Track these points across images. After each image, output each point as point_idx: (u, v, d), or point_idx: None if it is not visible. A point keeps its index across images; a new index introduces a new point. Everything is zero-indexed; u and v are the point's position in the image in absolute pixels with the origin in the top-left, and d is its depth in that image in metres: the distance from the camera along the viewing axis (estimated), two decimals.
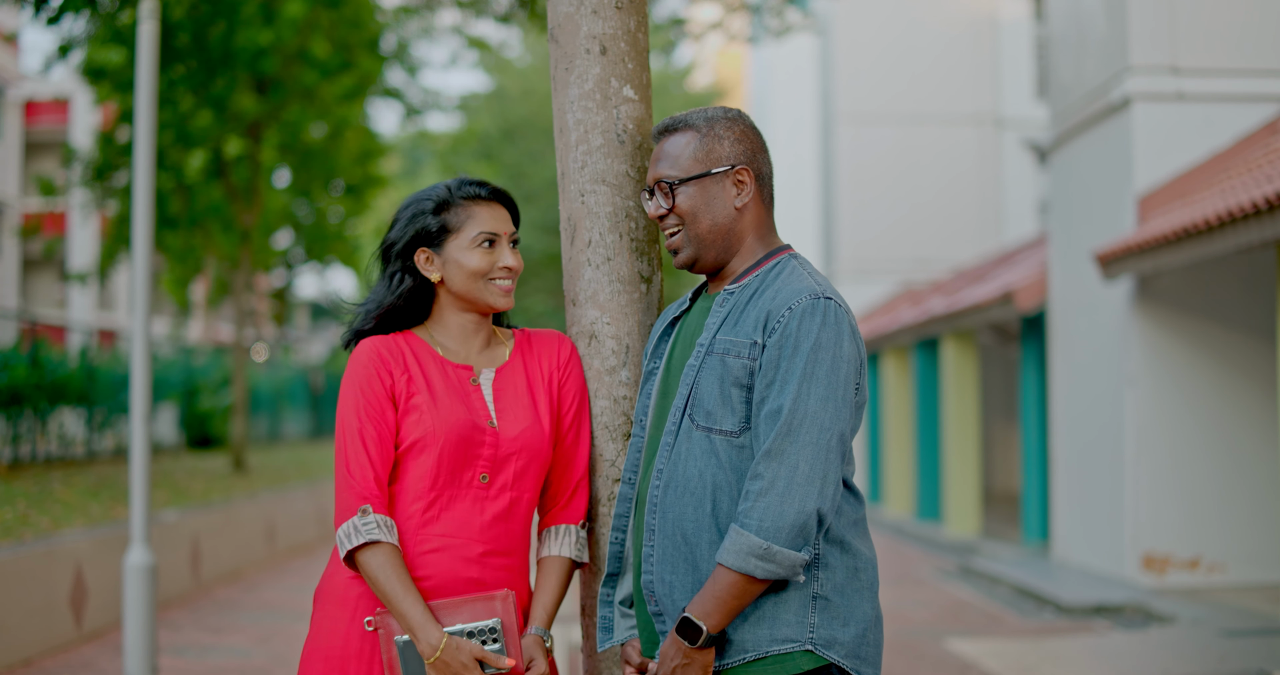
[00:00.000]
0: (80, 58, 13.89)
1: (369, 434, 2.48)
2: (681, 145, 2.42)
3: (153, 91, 6.46)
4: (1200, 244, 8.25)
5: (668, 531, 2.35)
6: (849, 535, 2.33)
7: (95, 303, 32.29)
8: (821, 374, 2.24)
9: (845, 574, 2.31)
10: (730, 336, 2.33)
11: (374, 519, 2.44)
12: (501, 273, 2.56)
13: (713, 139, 2.41)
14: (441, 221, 2.55)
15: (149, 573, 6.19)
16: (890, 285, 21.22)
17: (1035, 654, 7.55)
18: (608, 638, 2.53)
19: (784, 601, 2.27)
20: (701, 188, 2.40)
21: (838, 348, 2.26)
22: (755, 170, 2.43)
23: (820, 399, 2.23)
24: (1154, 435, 9.72)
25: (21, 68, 29.23)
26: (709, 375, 2.33)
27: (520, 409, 2.58)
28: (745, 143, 2.43)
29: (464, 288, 2.56)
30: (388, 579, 2.41)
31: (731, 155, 2.41)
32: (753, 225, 2.43)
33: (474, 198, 2.57)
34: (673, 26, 13.11)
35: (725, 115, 2.44)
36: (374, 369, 2.52)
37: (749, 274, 2.40)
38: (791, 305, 2.28)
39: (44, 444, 12.65)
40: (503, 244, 2.57)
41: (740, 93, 35.56)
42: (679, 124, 2.44)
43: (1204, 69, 9.83)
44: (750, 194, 2.42)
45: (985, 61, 21.40)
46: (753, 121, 2.48)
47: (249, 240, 15.60)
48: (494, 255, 2.56)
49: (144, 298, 6.42)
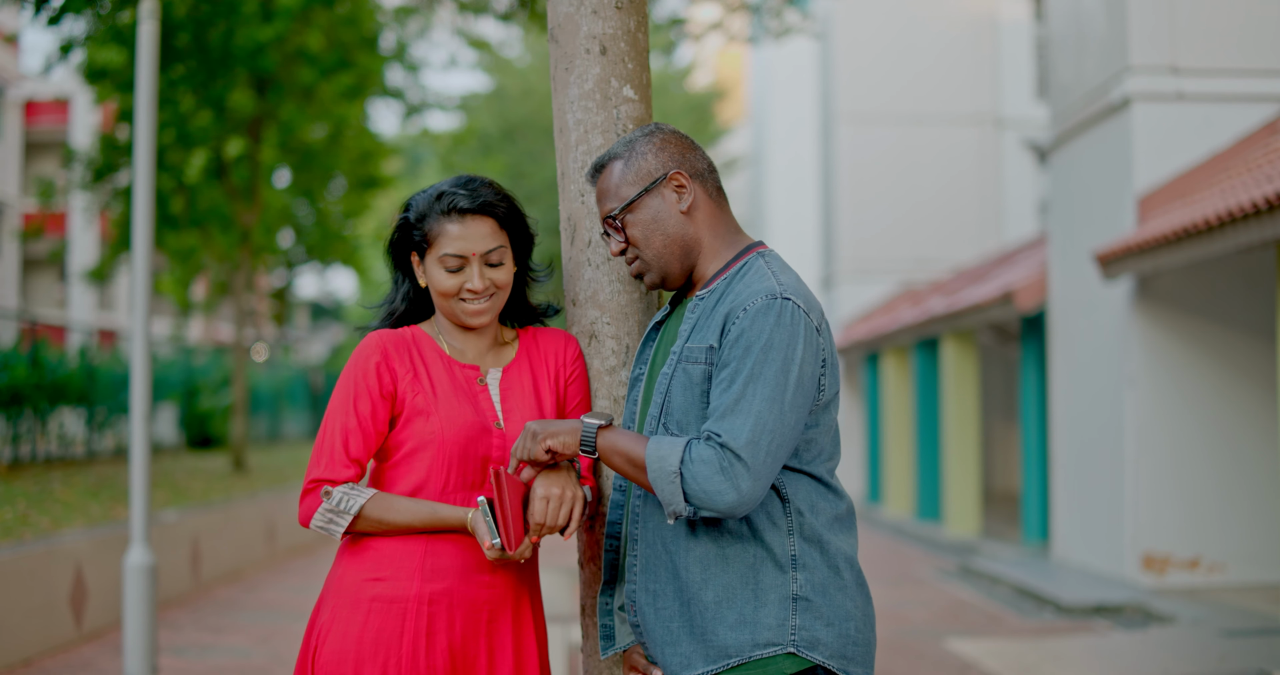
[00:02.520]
0: (80, 58, 13.88)
1: (351, 425, 2.50)
2: (613, 177, 2.43)
3: (153, 91, 6.46)
4: (1200, 244, 8.25)
5: (649, 540, 2.35)
6: (828, 533, 2.31)
7: (95, 303, 32.30)
8: (770, 374, 2.21)
9: (825, 573, 2.29)
10: (693, 344, 2.33)
11: (340, 489, 2.47)
12: (468, 295, 2.53)
13: (637, 158, 2.41)
14: (421, 232, 2.55)
15: (149, 573, 6.19)
16: (890, 285, 21.23)
17: (1035, 654, 7.55)
18: (610, 645, 2.53)
19: (764, 604, 2.26)
20: (644, 207, 2.40)
21: (790, 349, 2.22)
22: (690, 170, 2.42)
23: (765, 399, 2.20)
24: (1154, 435, 9.72)
25: (21, 68, 29.24)
26: (677, 383, 2.33)
27: (527, 409, 2.58)
28: (669, 149, 2.42)
29: (437, 302, 2.58)
30: (403, 509, 2.46)
31: (659, 165, 2.40)
32: (707, 225, 2.42)
33: (449, 213, 2.52)
34: (673, 26, 13.11)
35: (643, 133, 2.44)
36: (374, 364, 2.53)
37: (717, 278, 2.39)
38: (746, 307, 2.26)
39: (44, 444, 12.65)
40: (471, 265, 2.52)
41: (740, 93, 35.55)
42: (604, 159, 2.45)
43: (1204, 69, 9.83)
44: (692, 194, 2.41)
45: (985, 61, 21.40)
46: (673, 128, 2.47)
47: (249, 240, 15.60)
48: (459, 277, 2.52)
49: (144, 298, 6.42)
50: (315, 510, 2.48)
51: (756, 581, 2.27)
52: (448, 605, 2.48)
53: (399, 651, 2.45)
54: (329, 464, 2.49)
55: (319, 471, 2.49)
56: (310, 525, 2.49)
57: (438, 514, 2.45)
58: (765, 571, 2.27)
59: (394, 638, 2.46)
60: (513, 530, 2.35)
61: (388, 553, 2.49)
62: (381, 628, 2.46)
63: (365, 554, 2.51)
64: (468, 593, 2.49)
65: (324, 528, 2.48)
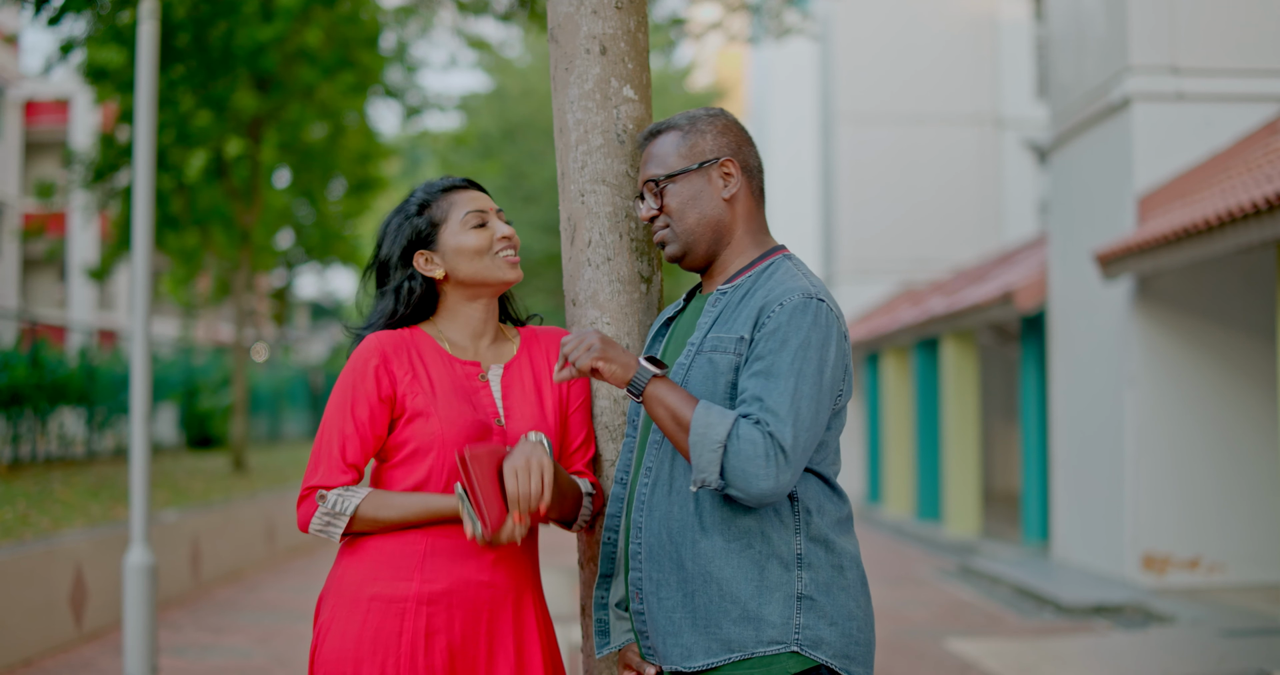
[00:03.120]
0: (80, 58, 13.88)
1: (348, 431, 2.51)
2: (666, 145, 2.45)
3: (153, 91, 6.46)
4: (1200, 244, 8.25)
5: (654, 529, 2.35)
6: (833, 534, 2.33)
7: (95, 303, 32.30)
8: (809, 372, 2.24)
9: (830, 573, 2.31)
10: (720, 334, 2.34)
11: (335, 492, 2.48)
12: (502, 243, 2.59)
13: (696, 134, 2.43)
14: (428, 219, 2.58)
15: (149, 573, 6.19)
16: (890, 285, 21.22)
17: (1035, 654, 7.55)
18: (605, 642, 2.53)
19: (769, 602, 2.27)
20: (688, 182, 2.42)
21: (824, 350, 2.26)
22: (741, 162, 2.44)
23: (806, 398, 2.23)
24: (1154, 435, 9.72)
25: (21, 68, 29.23)
26: (698, 374, 2.34)
27: (528, 407, 2.58)
28: (729, 136, 2.45)
29: (471, 271, 2.58)
30: (397, 505, 2.46)
31: (715, 148, 2.43)
32: (743, 218, 2.45)
33: (449, 188, 2.62)
34: (673, 26, 13.11)
35: (707, 113, 2.47)
36: (372, 368, 2.52)
37: (742, 274, 2.41)
38: (783, 301, 2.29)
39: (44, 444, 12.64)
40: (493, 218, 2.61)
41: (740, 93, 35.55)
42: (663, 126, 2.47)
43: (1204, 69, 9.83)
44: (738, 185, 2.43)
45: (985, 61, 21.40)
46: (736, 118, 2.50)
47: (249, 240, 15.60)
48: (489, 230, 2.59)
49: (144, 298, 6.42)
50: (313, 515, 2.49)
51: (762, 578, 2.28)
52: (447, 605, 2.48)
53: (398, 651, 2.45)
54: (326, 470, 2.50)
55: (316, 478, 2.50)
56: (309, 530, 2.50)
57: (430, 505, 2.46)
58: (771, 568, 2.28)
59: (393, 637, 2.46)
60: (491, 511, 2.34)
61: (387, 552, 2.49)
62: (380, 627, 2.46)
63: (365, 554, 2.51)
64: (467, 592, 2.49)
65: (322, 531, 2.49)
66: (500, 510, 2.35)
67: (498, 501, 2.35)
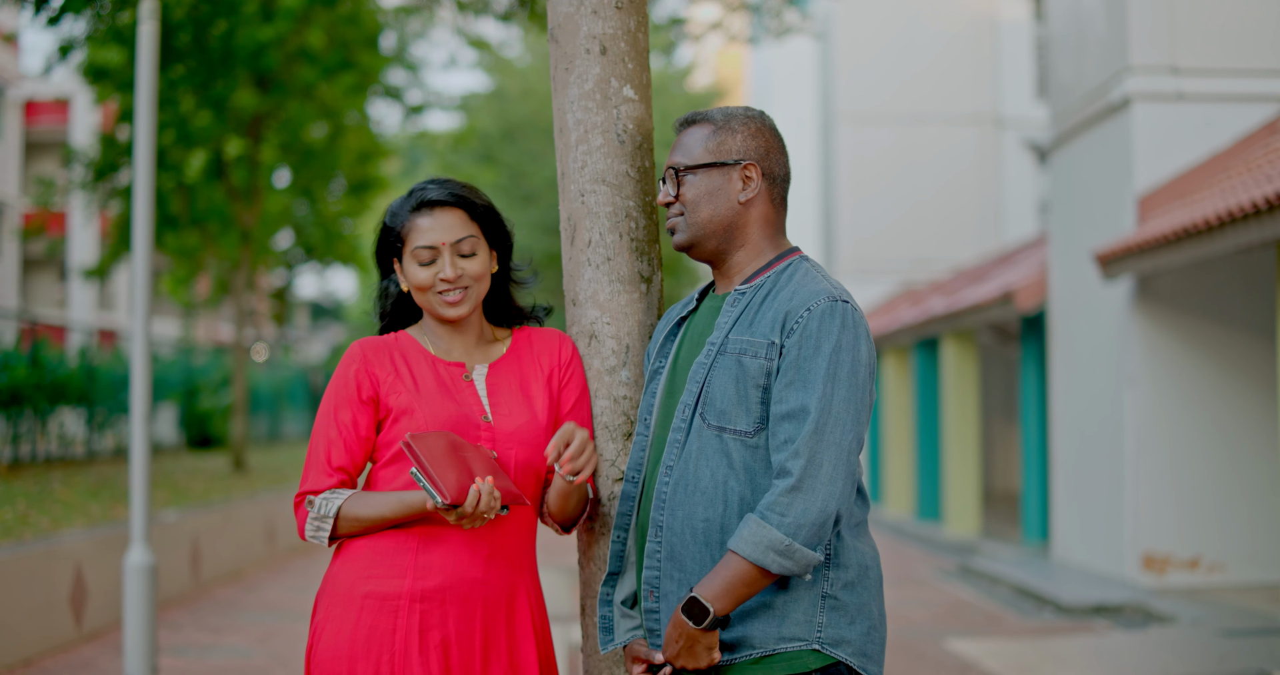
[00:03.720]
0: (80, 58, 13.88)
1: (332, 435, 2.54)
2: (695, 136, 2.45)
3: (153, 91, 6.46)
4: (1200, 244, 8.25)
5: (676, 529, 2.35)
6: (858, 535, 2.36)
7: (95, 303, 32.29)
8: (844, 375, 2.26)
9: (855, 573, 2.34)
10: (745, 336, 2.34)
11: (321, 496, 2.50)
12: (441, 286, 2.55)
13: (726, 132, 2.43)
14: (397, 233, 2.58)
15: (149, 573, 6.19)
16: (890, 285, 21.22)
17: (1035, 654, 7.55)
18: (609, 639, 2.53)
19: (794, 600, 2.29)
20: (708, 177, 2.42)
21: (855, 351, 2.28)
22: (765, 169, 2.44)
23: (843, 400, 2.25)
24: (1154, 435, 9.71)
25: (21, 68, 29.23)
26: (722, 374, 2.34)
27: (515, 404, 2.59)
28: (759, 140, 2.44)
29: (417, 299, 2.59)
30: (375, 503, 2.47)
31: (742, 150, 2.42)
32: (759, 223, 2.44)
33: (419, 208, 2.56)
34: (673, 26, 13.11)
35: (745, 113, 2.47)
36: (353, 372, 2.56)
37: (760, 274, 2.42)
38: (810, 307, 2.30)
39: (44, 444, 12.65)
40: (442, 256, 2.54)
41: (740, 93, 35.53)
42: (699, 117, 2.48)
43: (1204, 69, 9.83)
44: (757, 190, 2.43)
45: (985, 61, 21.40)
46: (773, 123, 2.49)
47: (249, 240, 15.60)
48: (432, 269, 2.54)
49: (144, 298, 6.42)
50: (305, 521, 2.51)
51: (793, 577, 2.28)
52: (440, 602, 2.49)
53: (392, 648, 2.46)
54: (314, 476, 2.54)
55: (305, 485, 2.54)
56: (306, 537, 2.53)
57: (406, 500, 2.47)
58: None
59: (387, 635, 2.47)
60: (446, 482, 2.33)
61: (380, 550, 2.50)
62: (374, 625, 2.47)
63: (358, 552, 2.52)
64: (460, 589, 2.49)
65: (314, 536, 2.52)
66: (459, 482, 2.34)
67: (454, 473, 2.35)
